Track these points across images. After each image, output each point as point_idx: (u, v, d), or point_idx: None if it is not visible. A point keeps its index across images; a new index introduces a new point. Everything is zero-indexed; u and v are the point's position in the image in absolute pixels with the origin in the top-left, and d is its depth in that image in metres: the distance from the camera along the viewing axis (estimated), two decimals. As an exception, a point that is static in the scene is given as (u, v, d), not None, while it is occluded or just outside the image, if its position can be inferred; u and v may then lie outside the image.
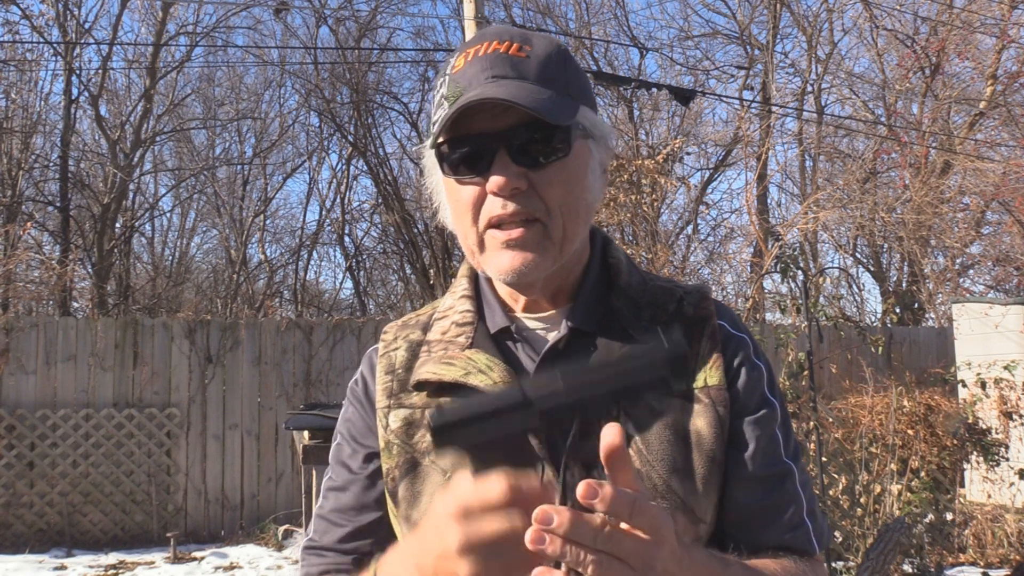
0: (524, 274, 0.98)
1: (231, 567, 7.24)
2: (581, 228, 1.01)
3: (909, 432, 6.12)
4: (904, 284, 15.31)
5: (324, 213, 17.41)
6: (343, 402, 1.15)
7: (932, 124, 14.91)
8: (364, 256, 17.41)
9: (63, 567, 7.14)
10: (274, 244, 18.47)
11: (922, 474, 5.84)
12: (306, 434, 4.95)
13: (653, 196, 7.48)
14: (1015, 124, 14.73)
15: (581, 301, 1.05)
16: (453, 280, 1.15)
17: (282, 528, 8.01)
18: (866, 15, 15.33)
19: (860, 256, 16.13)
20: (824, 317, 6.13)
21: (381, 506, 1.07)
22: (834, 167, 16.29)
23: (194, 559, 7.46)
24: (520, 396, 0.79)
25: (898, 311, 13.57)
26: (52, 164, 14.55)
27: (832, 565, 5.05)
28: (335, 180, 17.12)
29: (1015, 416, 7.11)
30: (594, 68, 14.26)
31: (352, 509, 1.07)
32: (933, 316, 13.98)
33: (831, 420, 6.23)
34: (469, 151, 0.98)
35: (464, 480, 0.76)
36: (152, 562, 7.31)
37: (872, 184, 15.12)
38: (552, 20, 15.69)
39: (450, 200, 1.04)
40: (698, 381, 1.01)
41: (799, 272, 6.04)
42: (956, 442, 6.41)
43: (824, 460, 5.34)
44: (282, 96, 20.47)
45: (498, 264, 0.98)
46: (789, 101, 16.37)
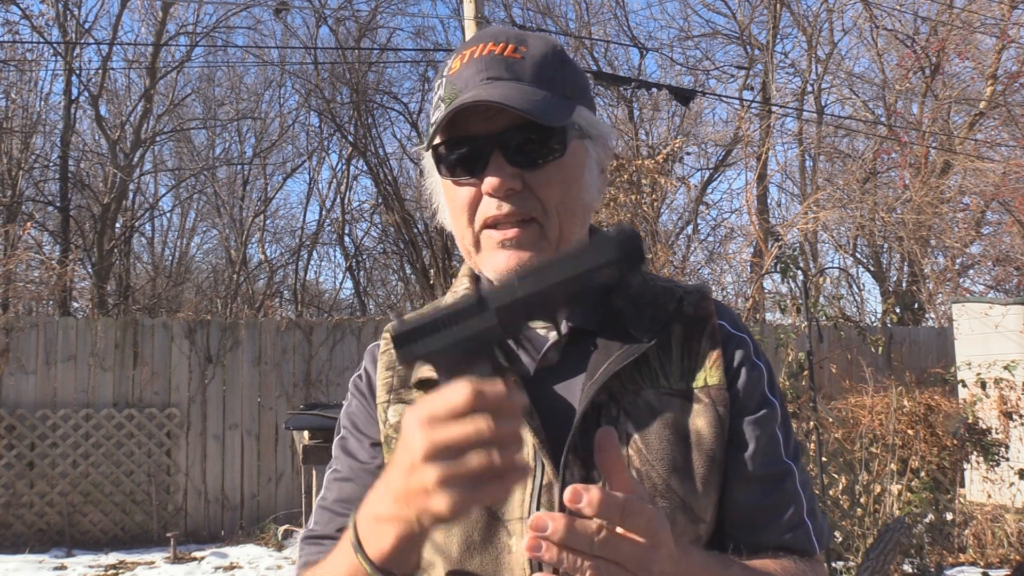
0: None
1: (231, 567, 7.24)
2: (578, 228, 1.02)
3: (909, 432, 6.12)
4: (904, 284, 15.31)
5: (324, 213, 17.44)
6: (344, 400, 1.16)
7: (932, 124, 14.91)
8: (364, 256, 17.43)
9: (63, 567, 7.14)
10: (274, 244, 18.51)
11: (922, 474, 5.83)
12: (306, 434, 4.96)
13: (653, 196, 7.47)
14: (1015, 124, 14.73)
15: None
16: (454, 280, 1.15)
17: (282, 528, 8.01)
18: (866, 15, 15.33)
19: (860, 256, 16.14)
20: (824, 317, 6.13)
21: None
22: (834, 167, 16.30)
23: (194, 559, 7.46)
24: (476, 297, 0.80)
25: (898, 311, 13.57)
26: (52, 164, 14.55)
27: (832, 565, 5.05)
28: (335, 180, 17.15)
29: (1015, 416, 7.11)
30: (594, 68, 14.27)
31: (357, 499, 1.07)
32: (933, 316, 13.98)
33: (831, 420, 6.23)
34: (465, 152, 0.98)
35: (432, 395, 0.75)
36: (152, 562, 7.31)
37: (872, 184, 15.13)
38: (552, 20, 15.71)
39: (447, 201, 1.05)
40: (698, 380, 1.01)
41: (799, 272, 6.04)
42: (956, 442, 6.41)
43: (824, 460, 5.34)
44: (282, 96, 20.50)
45: (494, 264, 0.99)
46: (789, 101, 16.38)
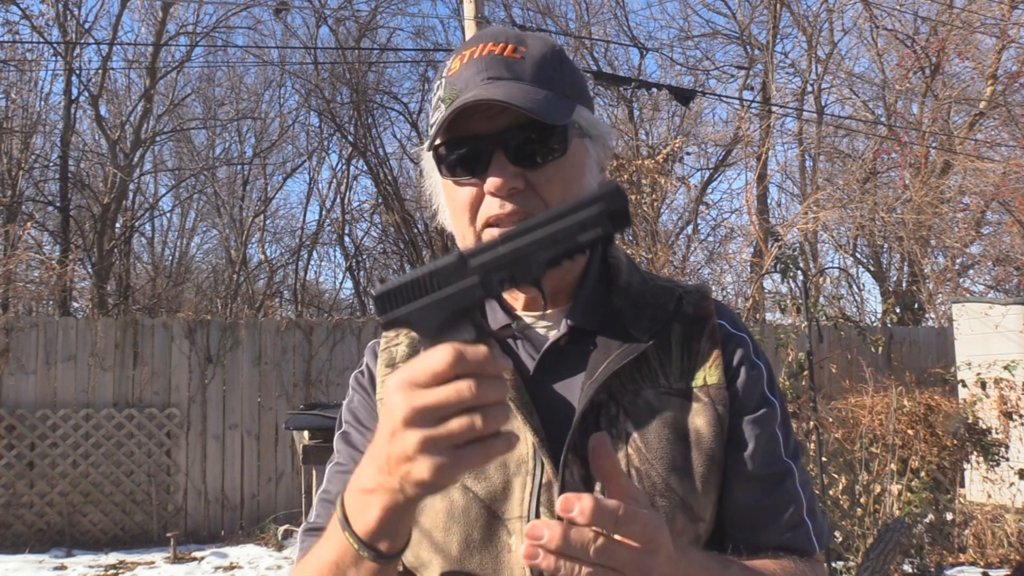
0: None
1: (231, 567, 7.24)
2: None
3: (909, 432, 6.12)
4: (904, 284, 15.31)
5: (324, 213, 17.44)
6: (344, 400, 1.15)
7: (932, 124, 14.91)
8: (364, 256, 17.42)
9: (63, 567, 7.14)
10: (274, 244, 18.51)
11: (922, 474, 5.83)
12: (306, 434, 4.96)
13: (653, 196, 7.47)
14: (1015, 124, 14.73)
15: (581, 300, 1.05)
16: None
17: (282, 528, 8.01)
18: (866, 15, 15.33)
19: (860, 256, 16.14)
20: (824, 317, 6.13)
21: None
22: (834, 167, 16.30)
23: (194, 559, 7.46)
24: (456, 256, 0.78)
25: (898, 311, 13.57)
26: (52, 164, 14.55)
27: (832, 565, 5.05)
28: (335, 180, 17.15)
29: (1015, 416, 7.11)
30: (594, 68, 14.27)
31: None
32: (933, 316, 13.98)
33: (831, 420, 6.23)
34: (466, 152, 0.98)
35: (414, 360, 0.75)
36: (152, 562, 7.31)
37: (872, 184, 15.13)
38: (552, 20, 15.71)
39: (448, 201, 1.05)
40: (697, 380, 1.01)
41: (799, 272, 6.04)
42: (956, 442, 6.41)
43: (824, 460, 5.34)
44: (282, 96, 20.52)
45: None
46: (789, 101, 16.38)
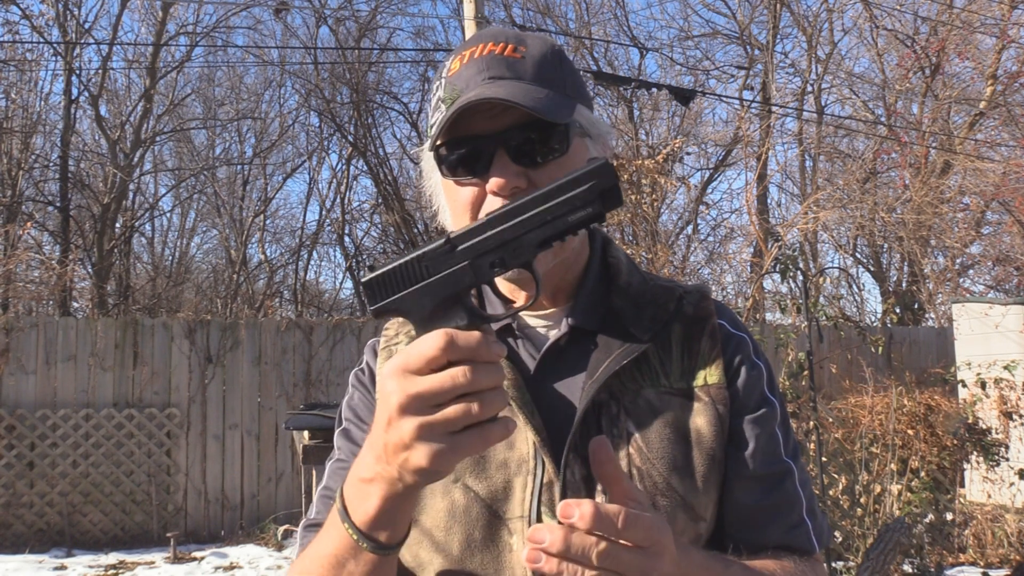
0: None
1: (231, 567, 7.24)
2: None
3: (909, 432, 6.12)
4: (904, 284, 15.31)
5: (324, 213, 17.44)
6: (344, 397, 1.15)
7: (932, 124, 14.91)
8: (364, 256, 17.41)
9: (63, 567, 7.14)
10: (274, 244, 18.51)
11: (922, 474, 5.83)
12: (306, 434, 4.96)
13: (653, 196, 7.47)
14: (1015, 124, 14.73)
15: (581, 299, 1.05)
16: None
17: (282, 528, 8.01)
18: (866, 15, 15.33)
19: (860, 256, 16.14)
20: (824, 317, 6.12)
21: None
22: (834, 167, 16.30)
23: (194, 559, 7.46)
24: (444, 240, 0.77)
25: (898, 311, 13.57)
26: (52, 164, 14.55)
27: (832, 565, 5.05)
28: (335, 180, 17.15)
29: (1015, 416, 7.11)
30: (594, 68, 14.27)
31: None
32: (933, 316, 13.98)
33: (831, 420, 6.23)
34: (467, 152, 0.98)
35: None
36: (152, 562, 7.31)
37: (872, 184, 15.13)
38: (552, 20, 15.70)
39: (449, 201, 1.04)
40: (698, 379, 1.01)
41: (799, 272, 6.03)
42: (956, 442, 6.41)
43: (824, 460, 5.34)
44: (282, 96, 20.50)
45: None
46: (789, 101, 16.38)
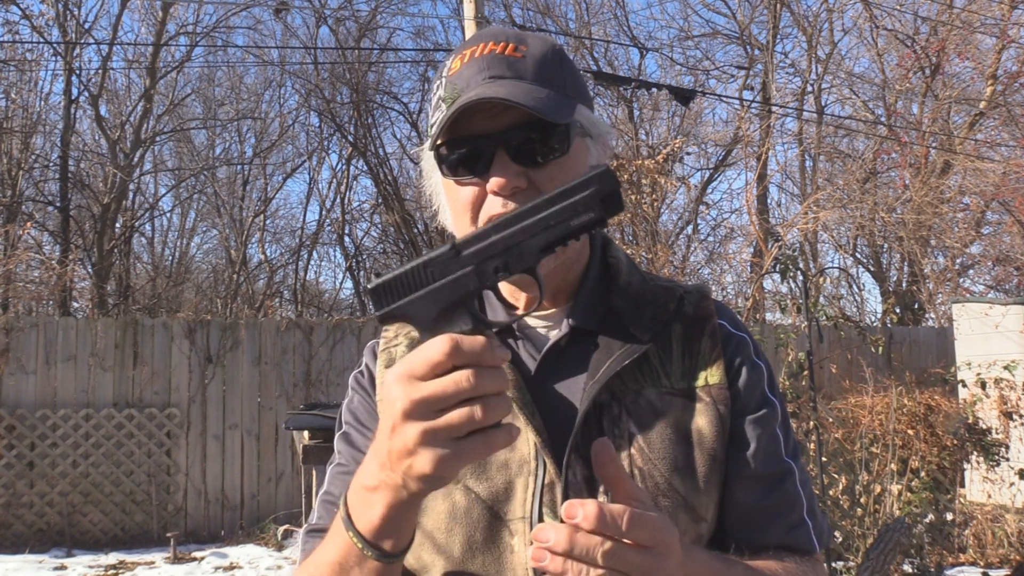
0: None
1: (231, 567, 7.24)
2: None
3: (909, 432, 6.12)
4: (904, 284, 15.31)
5: (324, 213, 17.44)
6: (344, 400, 1.15)
7: (932, 124, 14.91)
8: (364, 256, 17.42)
9: (63, 567, 7.14)
10: (274, 244, 18.50)
11: (922, 474, 5.83)
12: (306, 434, 4.95)
13: (653, 196, 7.47)
14: (1015, 124, 14.73)
15: (582, 300, 1.05)
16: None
17: (282, 528, 8.01)
18: (866, 15, 15.33)
19: (860, 256, 16.14)
20: (824, 317, 6.12)
21: None
22: (834, 167, 16.30)
23: (194, 559, 7.46)
24: (449, 246, 0.78)
25: (898, 311, 13.57)
26: (52, 164, 14.55)
27: (832, 565, 5.05)
28: (335, 180, 17.15)
29: (1015, 416, 7.11)
30: (594, 68, 14.27)
31: None
32: (933, 316, 13.98)
33: (831, 420, 6.23)
34: (468, 152, 0.98)
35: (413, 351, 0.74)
36: (152, 562, 7.31)
37: (872, 184, 15.13)
38: (552, 20, 15.70)
39: (449, 200, 1.04)
40: (699, 380, 1.01)
41: (799, 272, 6.03)
42: (956, 442, 6.41)
43: (824, 460, 5.34)
44: (282, 96, 20.49)
45: None
46: (789, 101, 16.38)
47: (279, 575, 6.96)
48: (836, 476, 5.78)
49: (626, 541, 0.72)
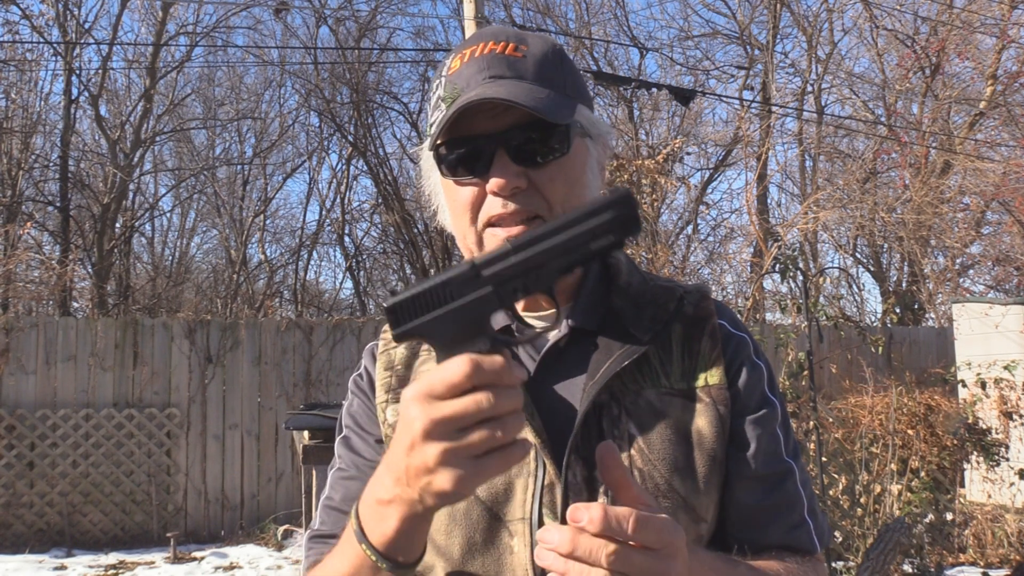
0: None
1: (231, 567, 7.24)
2: None
3: (909, 432, 6.12)
4: (904, 284, 15.31)
5: (324, 213, 17.43)
6: (344, 400, 1.15)
7: (932, 124, 14.91)
8: (364, 256, 17.42)
9: (63, 567, 7.14)
10: (274, 244, 18.50)
11: (922, 474, 5.83)
12: (306, 434, 4.95)
13: (653, 196, 7.47)
14: (1015, 124, 14.73)
15: (582, 300, 1.05)
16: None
17: (282, 528, 8.01)
18: (866, 15, 15.33)
19: (860, 256, 16.13)
20: (824, 317, 6.12)
21: None
22: (834, 167, 16.30)
23: (194, 559, 7.46)
24: (468, 266, 0.77)
25: (898, 311, 13.57)
26: (52, 164, 14.55)
27: (832, 565, 5.05)
28: (335, 180, 17.14)
29: (1015, 416, 7.11)
30: (594, 68, 14.26)
31: None
32: (933, 316, 13.98)
33: (831, 420, 6.23)
34: (467, 152, 0.97)
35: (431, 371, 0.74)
36: (152, 562, 7.31)
37: (872, 184, 15.12)
38: (552, 20, 15.70)
39: (448, 201, 1.04)
40: (699, 380, 1.01)
41: (799, 272, 6.03)
42: (956, 442, 6.41)
43: (824, 460, 5.34)
44: (282, 96, 20.49)
45: None
46: (789, 101, 16.37)
47: (279, 575, 6.96)
48: (836, 476, 5.78)
49: (632, 544, 0.71)
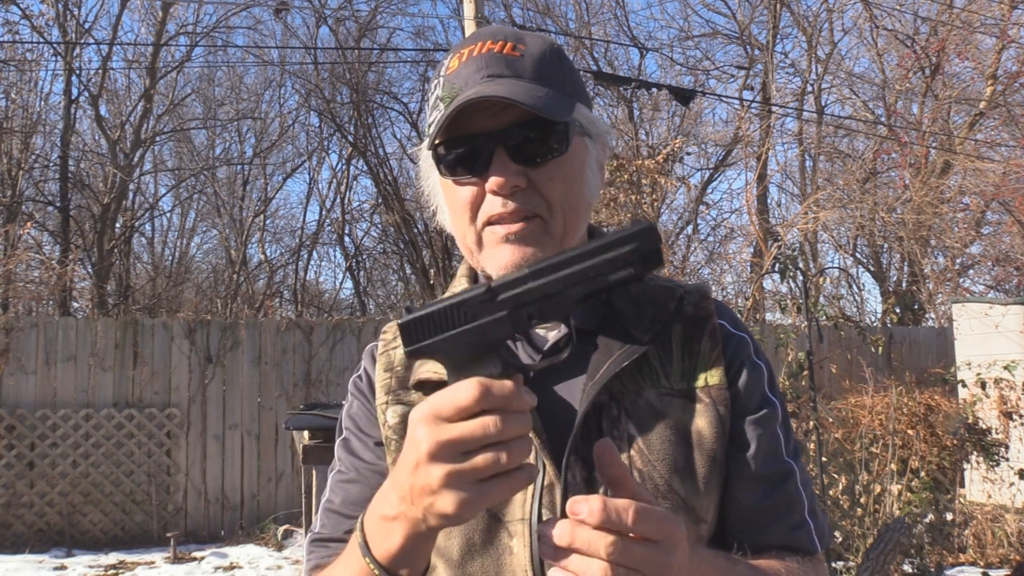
0: None
1: (231, 567, 7.23)
2: (580, 224, 1.02)
3: (909, 432, 6.12)
4: (904, 284, 15.31)
5: (324, 213, 17.43)
6: (344, 401, 1.15)
7: (932, 124, 14.91)
8: (364, 256, 17.42)
9: (63, 567, 7.14)
10: (274, 244, 18.51)
11: (922, 474, 5.83)
12: (306, 434, 4.95)
13: (653, 196, 7.47)
14: (1015, 124, 14.73)
15: (581, 300, 1.04)
16: (452, 280, 1.14)
17: (282, 528, 8.01)
18: (866, 15, 15.33)
19: (860, 256, 16.14)
20: (824, 317, 6.12)
21: None
22: (834, 167, 16.30)
23: (194, 559, 7.46)
24: (484, 287, 0.77)
25: (898, 311, 13.57)
26: (52, 164, 14.55)
27: (832, 565, 5.05)
28: (335, 180, 17.14)
29: (1015, 416, 7.11)
30: (594, 68, 14.26)
31: (364, 501, 1.06)
32: (933, 316, 13.98)
33: (831, 420, 6.23)
34: (466, 151, 0.97)
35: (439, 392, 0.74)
36: (152, 562, 7.31)
37: (872, 184, 15.12)
38: (552, 20, 15.70)
39: (447, 200, 1.03)
40: (699, 380, 1.01)
41: (799, 272, 6.03)
42: (956, 442, 6.41)
43: (824, 460, 5.33)
44: (282, 96, 20.49)
45: (498, 259, 0.98)
46: (789, 101, 16.37)
47: (279, 575, 6.96)
48: (836, 476, 5.78)
49: (632, 535, 0.71)
